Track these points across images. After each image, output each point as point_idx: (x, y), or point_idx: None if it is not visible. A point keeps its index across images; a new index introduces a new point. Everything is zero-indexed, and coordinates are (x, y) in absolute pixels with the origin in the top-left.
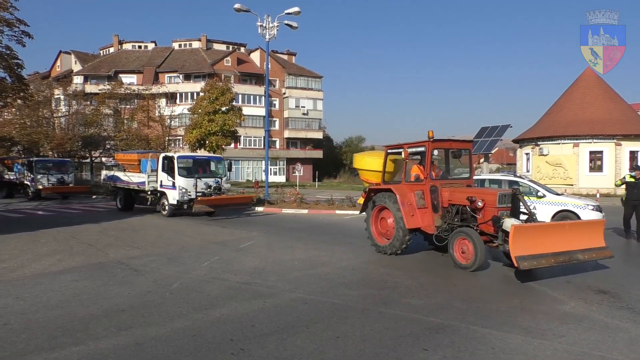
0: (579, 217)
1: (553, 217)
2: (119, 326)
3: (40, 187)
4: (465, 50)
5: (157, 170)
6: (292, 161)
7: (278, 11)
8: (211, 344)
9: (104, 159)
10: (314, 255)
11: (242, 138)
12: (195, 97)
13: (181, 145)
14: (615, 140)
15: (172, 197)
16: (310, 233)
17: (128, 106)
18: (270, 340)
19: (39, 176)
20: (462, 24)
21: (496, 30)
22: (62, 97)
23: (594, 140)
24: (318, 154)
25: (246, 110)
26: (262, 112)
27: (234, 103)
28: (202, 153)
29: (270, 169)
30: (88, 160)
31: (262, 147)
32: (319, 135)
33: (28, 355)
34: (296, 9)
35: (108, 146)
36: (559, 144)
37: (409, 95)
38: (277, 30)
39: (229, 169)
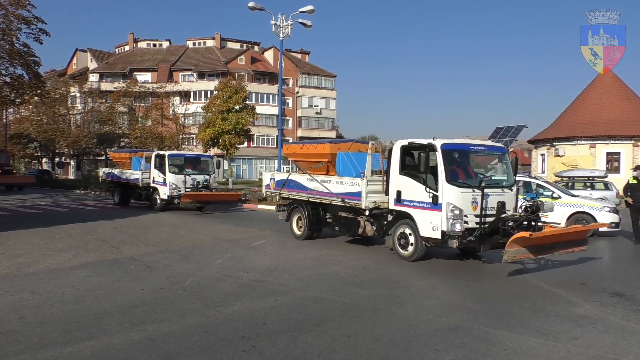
0: (594, 219)
1: (568, 218)
2: (132, 322)
3: (176, 192)
4: (481, 49)
5: (388, 173)
6: None
7: (292, 9)
8: (223, 341)
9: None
10: (325, 254)
11: (255, 137)
12: (208, 96)
13: (195, 144)
14: (633, 141)
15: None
16: (323, 232)
17: (142, 104)
18: (282, 338)
19: (175, 177)
20: (478, 22)
21: (513, 27)
22: (78, 94)
23: (611, 141)
24: None
25: (259, 109)
26: (275, 111)
27: (247, 102)
28: (479, 141)
29: (283, 167)
30: (103, 157)
31: (275, 146)
32: (331, 134)
33: (43, 349)
34: (310, 7)
35: (123, 144)
36: (575, 144)
37: (423, 94)
38: (291, 28)
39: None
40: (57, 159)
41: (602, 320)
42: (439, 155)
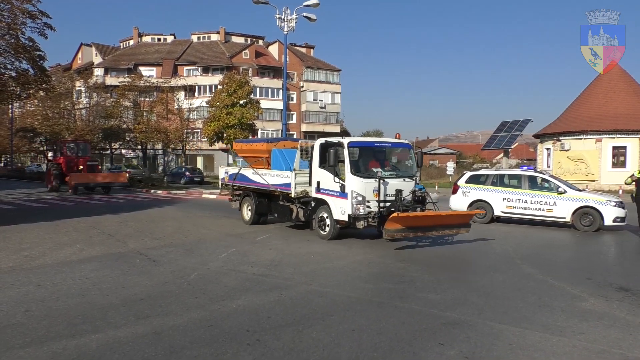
0: (600, 214)
1: (574, 213)
2: (137, 315)
3: (363, 209)
4: (487, 42)
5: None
6: None
7: (297, 3)
8: (227, 335)
9: (123, 151)
10: (330, 248)
11: (259, 131)
12: (213, 90)
13: (199, 138)
14: (639, 136)
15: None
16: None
17: (147, 99)
18: (286, 332)
19: (361, 182)
20: (485, 16)
21: (518, 22)
22: (83, 89)
23: (618, 136)
24: None
25: (264, 104)
26: (279, 105)
27: (251, 96)
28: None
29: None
30: (108, 152)
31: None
32: (336, 129)
33: (49, 341)
34: (315, 0)
35: (127, 138)
36: (581, 139)
37: (428, 89)
38: (296, 22)
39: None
40: None
41: (608, 315)
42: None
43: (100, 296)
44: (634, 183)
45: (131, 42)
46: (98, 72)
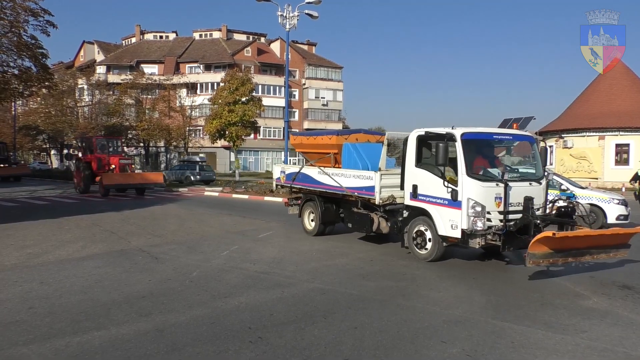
0: (603, 211)
1: None
2: (139, 312)
3: (481, 222)
4: (489, 39)
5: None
6: None
7: (299, 0)
8: (230, 332)
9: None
10: (332, 246)
11: (261, 129)
12: (215, 88)
13: (201, 136)
14: None
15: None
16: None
17: (149, 96)
18: (288, 330)
19: (480, 187)
20: (488, 13)
21: (520, 20)
22: (85, 86)
23: (621, 133)
24: None
25: (266, 101)
26: (281, 102)
27: (253, 93)
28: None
29: (290, 159)
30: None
31: (282, 138)
32: (338, 126)
33: (52, 338)
34: None
35: (130, 135)
36: (584, 136)
37: (430, 86)
38: (298, 19)
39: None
40: (65, 151)
41: (611, 313)
42: (458, 145)
43: (103, 293)
44: (638, 181)
45: (133, 40)
46: (100, 69)
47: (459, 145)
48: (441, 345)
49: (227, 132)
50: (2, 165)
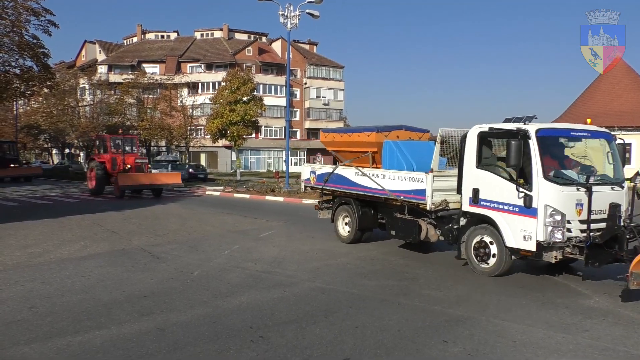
0: None
1: None
2: (141, 312)
3: (560, 236)
4: (490, 38)
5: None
6: (312, 152)
7: (300, 0)
8: (231, 331)
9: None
10: (333, 245)
11: (263, 128)
12: (216, 87)
13: (203, 135)
14: None
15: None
16: (331, 224)
17: (151, 96)
18: (290, 329)
19: (560, 193)
20: (489, 13)
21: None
22: (87, 86)
23: (623, 132)
24: None
25: (267, 101)
26: (283, 102)
27: (255, 93)
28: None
29: (291, 159)
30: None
31: (283, 137)
32: (339, 125)
33: (53, 337)
34: None
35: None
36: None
37: (431, 85)
38: (299, 19)
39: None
40: (67, 150)
41: (613, 313)
42: (533, 143)
43: (104, 293)
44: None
45: (135, 39)
46: (102, 69)
47: (533, 143)
48: (442, 344)
49: (228, 132)
50: (12, 165)
